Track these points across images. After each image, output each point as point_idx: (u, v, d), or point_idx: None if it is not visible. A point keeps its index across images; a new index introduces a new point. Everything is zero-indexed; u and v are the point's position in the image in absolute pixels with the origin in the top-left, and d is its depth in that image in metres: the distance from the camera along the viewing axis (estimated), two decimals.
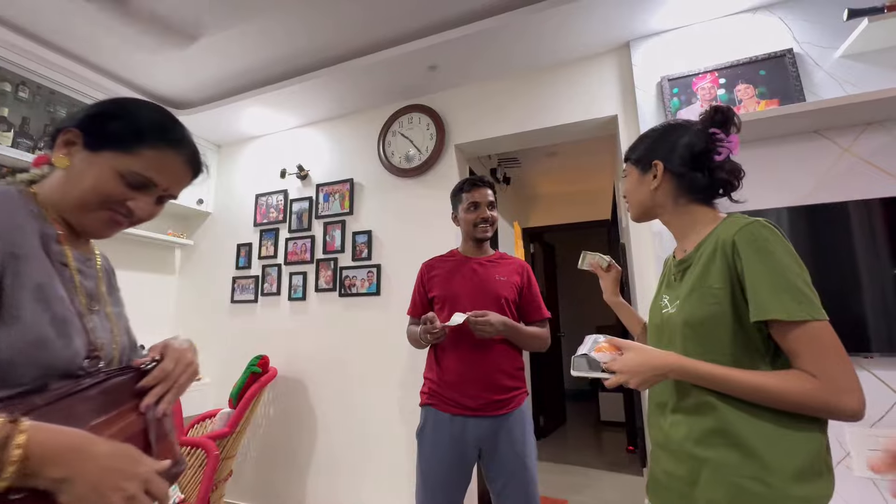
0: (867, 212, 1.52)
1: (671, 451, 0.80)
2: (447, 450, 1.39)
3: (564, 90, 2.18)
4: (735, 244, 0.74)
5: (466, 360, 1.42)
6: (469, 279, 1.51)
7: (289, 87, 2.38)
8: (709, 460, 0.72)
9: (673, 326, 0.82)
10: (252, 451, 2.55)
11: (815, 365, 0.67)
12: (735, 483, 0.69)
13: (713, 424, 0.73)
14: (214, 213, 3.05)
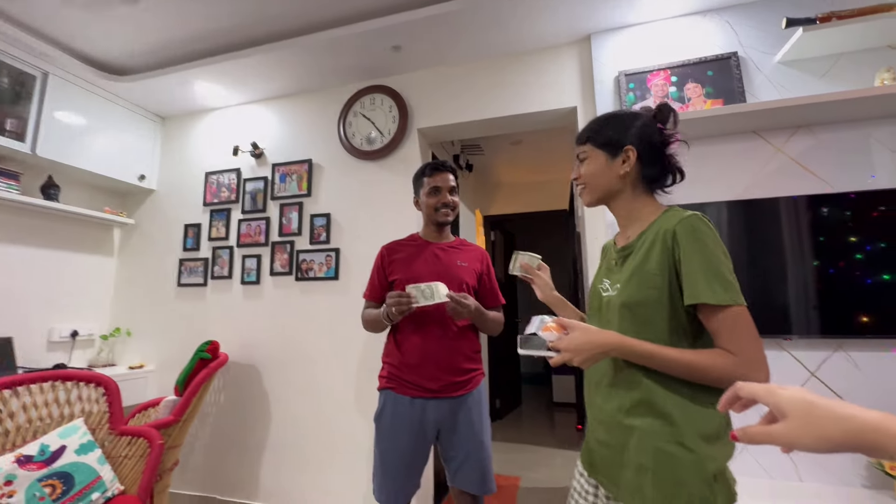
0: (794, 208, 1.66)
1: (605, 423, 0.87)
2: (406, 432, 1.40)
3: (527, 79, 2.20)
4: (675, 234, 0.80)
5: (427, 344, 1.43)
6: (432, 263, 1.52)
7: (241, 59, 2.25)
8: (636, 428, 0.81)
9: (612, 308, 0.87)
10: (201, 440, 2.46)
11: (734, 344, 0.75)
12: (658, 447, 0.78)
13: (640, 397, 0.81)
14: (159, 190, 2.85)
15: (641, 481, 0.78)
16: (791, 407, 0.45)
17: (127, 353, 2.70)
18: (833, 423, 0.42)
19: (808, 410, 0.44)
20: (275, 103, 2.67)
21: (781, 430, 0.45)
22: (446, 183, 1.54)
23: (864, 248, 1.57)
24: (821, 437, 0.42)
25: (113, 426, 1.75)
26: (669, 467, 0.76)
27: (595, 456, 0.90)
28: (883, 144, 1.63)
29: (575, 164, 1.00)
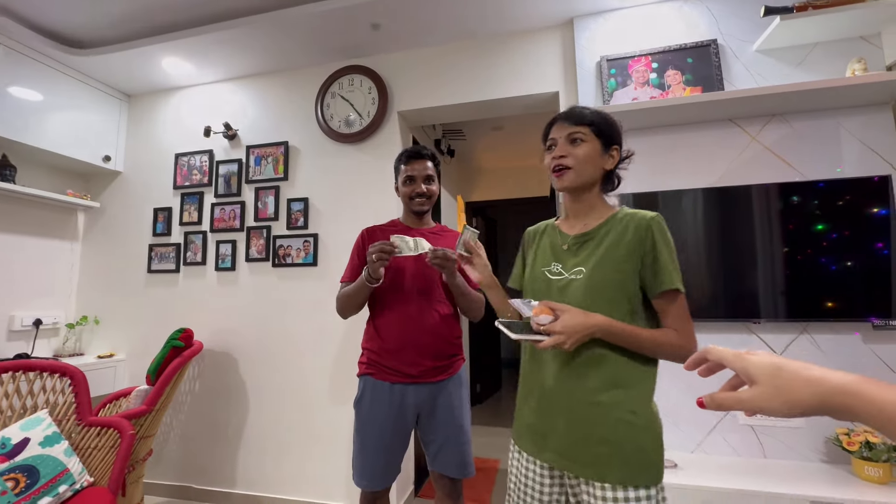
0: (766, 196, 1.70)
1: (570, 404, 0.90)
2: (386, 417, 1.39)
3: (509, 63, 2.17)
4: (651, 229, 0.90)
5: (408, 329, 1.41)
6: None
7: (211, 33, 2.13)
8: (601, 404, 0.87)
9: (574, 289, 0.92)
10: (176, 429, 2.41)
11: (680, 323, 0.89)
12: (619, 418, 0.86)
13: (608, 374, 0.88)
14: (125, 172, 2.72)
15: (608, 453, 0.85)
16: (760, 372, 0.44)
17: (95, 341, 2.60)
18: (802, 388, 0.41)
19: (777, 374, 0.43)
20: (248, 82, 2.57)
21: (751, 396, 0.44)
22: (422, 171, 1.50)
23: (831, 236, 1.63)
24: (790, 402, 0.42)
25: (80, 417, 1.68)
26: (631, 436, 0.85)
27: (552, 439, 0.91)
28: (852, 134, 1.68)
29: (559, 143, 0.97)
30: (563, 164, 0.95)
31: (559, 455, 0.90)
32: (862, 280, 1.58)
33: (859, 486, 1.39)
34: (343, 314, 1.50)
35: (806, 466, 1.55)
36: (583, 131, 0.95)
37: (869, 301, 1.57)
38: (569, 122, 0.97)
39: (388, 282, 1.43)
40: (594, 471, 0.85)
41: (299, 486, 2.19)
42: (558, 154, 0.96)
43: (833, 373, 0.40)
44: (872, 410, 0.37)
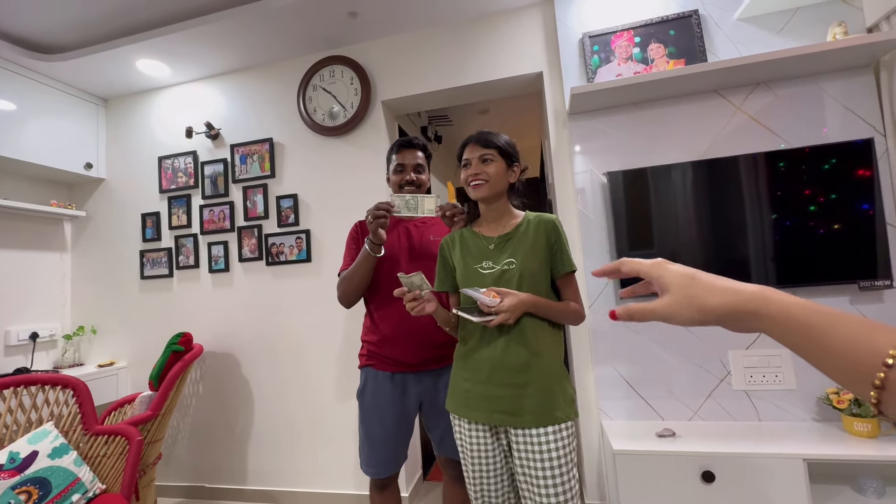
0: (754, 165, 1.71)
1: (508, 369, 1.11)
2: (388, 406, 1.42)
3: (492, 45, 2.14)
4: (556, 226, 1.18)
5: (405, 320, 1.40)
6: (405, 239, 1.51)
7: (184, 31, 2.08)
8: (535, 363, 1.11)
9: (511, 277, 1.15)
10: (183, 432, 2.43)
11: (575, 296, 1.20)
12: (548, 372, 1.12)
13: (535, 339, 1.12)
14: (109, 178, 2.67)
15: (544, 401, 1.10)
16: (674, 281, 0.44)
17: (94, 351, 2.60)
18: (712, 295, 0.41)
19: (690, 283, 0.43)
20: (227, 79, 2.51)
21: (662, 304, 0.44)
22: (411, 160, 1.51)
23: (818, 200, 1.65)
24: (701, 310, 0.41)
25: (87, 427, 1.70)
26: (558, 384, 1.12)
27: (500, 402, 1.11)
28: (835, 99, 1.68)
29: (473, 162, 1.19)
30: (479, 179, 1.17)
31: (507, 414, 1.10)
32: (849, 243, 1.61)
33: (850, 442, 1.44)
34: (346, 299, 1.47)
35: (799, 426, 1.61)
36: (490, 153, 1.18)
37: (855, 263, 1.60)
38: (479, 146, 1.19)
39: (383, 273, 1.44)
40: (533, 418, 1.08)
41: (310, 478, 2.23)
42: (473, 172, 1.19)
43: (744, 284, 0.41)
44: (777, 314, 0.37)
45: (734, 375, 1.71)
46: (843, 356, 0.32)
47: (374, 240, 1.35)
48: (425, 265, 1.46)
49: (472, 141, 1.21)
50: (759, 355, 1.69)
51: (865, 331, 0.32)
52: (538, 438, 1.07)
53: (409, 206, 1.32)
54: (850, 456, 1.37)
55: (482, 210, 1.25)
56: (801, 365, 1.66)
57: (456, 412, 1.19)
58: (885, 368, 0.29)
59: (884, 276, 1.57)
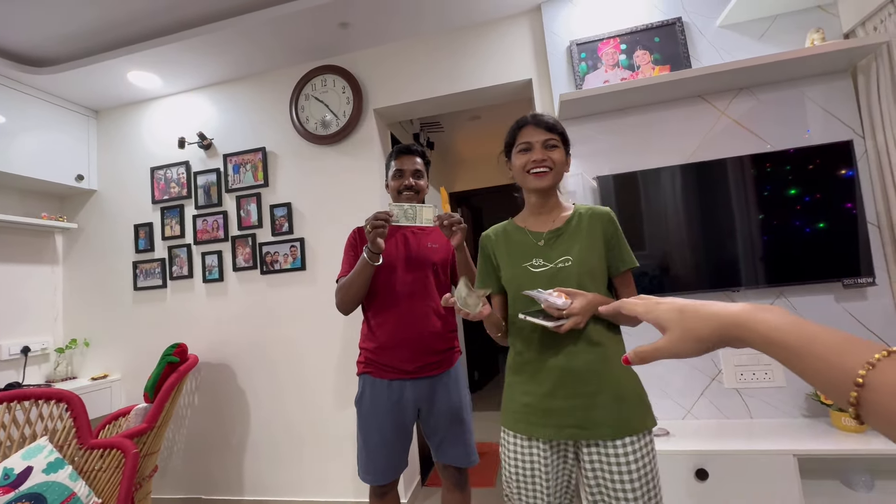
0: (741, 167, 1.75)
1: (577, 376, 1.00)
2: (387, 414, 1.42)
3: (481, 53, 2.17)
4: (612, 220, 1.08)
5: (401, 326, 1.43)
6: (403, 247, 1.51)
7: (176, 42, 2.09)
8: (606, 369, 1.00)
9: (567, 275, 1.03)
10: (179, 443, 2.41)
11: (634, 293, 1.08)
12: (620, 376, 1.01)
13: (601, 342, 1.02)
14: (101, 190, 2.66)
15: (614, 410, 0.97)
16: (668, 318, 0.47)
17: (88, 364, 2.58)
18: (703, 325, 0.44)
19: (681, 318, 0.46)
20: (219, 90, 2.52)
21: (665, 344, 0.47)
22: (410, 166, 1.53)
23: (804, 200, 1.69)
24: (698, 340, 0.44)
25: (81, 441, 1.68)
26: (635, 389, 1.01)
27: (567, 415, 0.99)
28: (815, 102, 1.73)
29: (536, 147, 1.07)
30: (544, 167, 1.05)
31: (578, 428, 0.98)
32: (833, 242, 1.65)
33: (838, 437, 1.47)
34: (344, 306, 1.46)
35: (789, 423, 1.64)
36: (555, 138, 1.07)
37: (840, 262, 1.64)
38: (543, 129, 1.07)
39: (381, 280, 1.45)
40: (609, 430, 0.96)
41: (309, 487, 2.23)
42: (539, 157, 1.05)
43: (728, 307, 0.43)
44: (757, 338, 0.40)
45: (725, 374, 1.74)
46: (819, 376, 0.34)
47: (373, 249, 1.34)
48: (423, 273, 1.48)
49: (529, 123, 1.09)
50: (749, 353, 1.72)
51: (837, 352, 0.34)
52: (615, 450, 0.95)
53: (408, 216, 1.30)
54: (839, 450, 1.40)
55: (532, 202, 1.13)
56: None
57: (515, 429, 1.05)
58: (857, 388, 0.31)
59: (866, 273, 1.61)
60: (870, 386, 0.30)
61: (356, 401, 1.49)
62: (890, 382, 0.30)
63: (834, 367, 0.33)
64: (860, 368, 0.31)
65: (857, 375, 0.31)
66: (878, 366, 0.31)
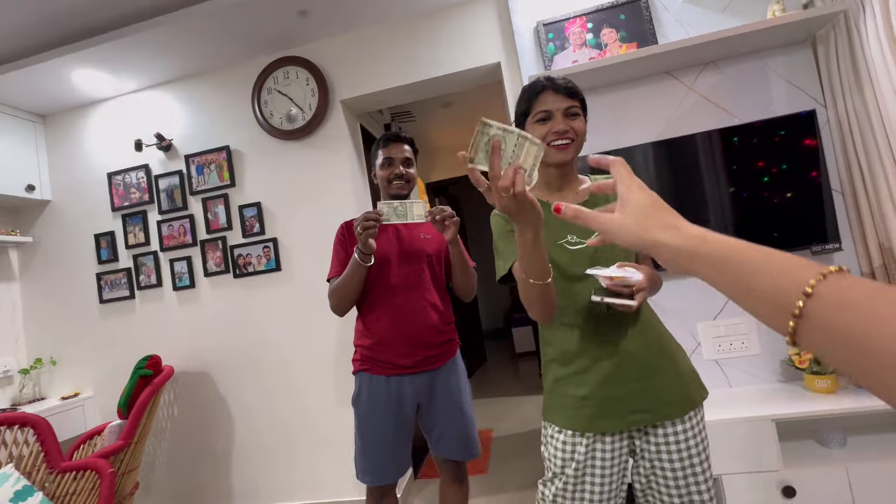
0: (709, 142, 1.77)
1: (636, 359, 0.91)
2: (386, 411, 1.37)
3: (448, 38, 2.12)
4: None
5: (398, 322, 1.39)
6: (394, 240, 1.46)
7: (124, 38, 1.96)
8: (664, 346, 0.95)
9: (611, 248, 0.94)
10: (161, 457, 2.33)
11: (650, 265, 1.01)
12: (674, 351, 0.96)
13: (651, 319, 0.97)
14: (55, 200, 2.51)
15: (675, 387, 0.91)
16: (635, 204, 0.44)
17: (56, 383, 2.46)
18: (660, 231, 0.42)
19: (646, 213, 0.43)
20: (176, 87, 2.40)
21: (611, 220, 0.45)
22: (399, 154, 1.46)
23: (770, 171, 1.72)
24: (644, 240, 0.42)
25: (52, 465, 1.60)
26: (686, 363, 0.97)
27: (628, 401, 0.89)
28: (779, 74, 1.76)
29: (558, 116, 0.93)
30: (567, 138, 0.93)
31: (643, 412, 0.89)
32: (801, 211, 1.69)
33: (812, 399, 1.53)
34: (339, 309, 1.41)
35: (766, 388, 1.69)
36: (577, 105, 0.95)
37: (807, 230, 1.68)
38: (564, 95, 0.94)
39: (374, 275, 1.39)
40: (673, 408, 0.90)
41: (303, 489, 2.19)
42: (561, 128, 0.93)
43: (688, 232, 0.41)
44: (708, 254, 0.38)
45: (704, 346, 1.78)
46: (771, 289, 0.33)
47: (364, 250, 1.29)
48: (418, 266, 1.44)
49: (547, 88, 0.94)
50: (726, 324, 1.76)
51: (795, 265, 0.33)
52: (681, 427, 0.89)
53: (398, 214, 1.26)
54: (814, 412, 1.45)
55: (550, 176, 0.99)
56: (764, 330, 1.74)
57: (572, 426, 0.92)
58: (805, 297, 0.30)
59: (833, 239, 1.66)
60: (818, 296, 0.30)
61: (353, 400, 1.43)
62: (835, 293, 0.29)
63: (787, 275, 0.32)
64: (812, 279, 0.30)
65: (808, 285, 0.30)
66: (829, 277, 0.30)
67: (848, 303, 0.28)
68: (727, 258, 0.37)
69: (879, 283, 0.29)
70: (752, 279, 0.35)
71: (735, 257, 0.36)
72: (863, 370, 0.27)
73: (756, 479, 1.45)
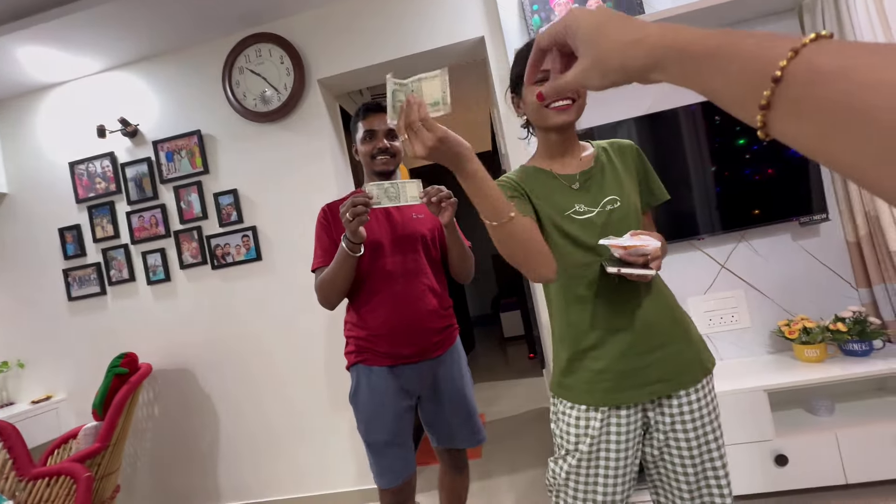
0: (692, 118, 1.74)
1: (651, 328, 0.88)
2: (391, 404, 1.27)
3: (429, 11, 2.03)
4: (639, 153, 0.99)
5: (398, 311, 1.28)
6: (385, 222, 1.32)
7: (77, 13, 1.81)
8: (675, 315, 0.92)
9: (622, 217, 0.91)
10: (143, 458, 2.25)
11: (656, 228, 1.02)
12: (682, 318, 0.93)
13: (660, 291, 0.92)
14: (12, 193, 2.35)
15: (690, 353, 0.90)
16: (583, 42, 0.39)
17: (25, 387, 2.33)
18: (617, 56, 0.37)
19: (597, 43, 0.38)
20: (140, 68, 2.24)
21: (575, 73, 0.40)
22: (382, 125, 1.30)
23: (752, 148, 1.71)
24: (609, 72, 0.38)
25: (21, 472, 1.51)
26: (693, 328, 0.94)
27: (645, 373, 0.87)
28: None
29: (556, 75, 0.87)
30: (567, 99, 0.87)
31: (662, 382, 0.87)
32: (784, 184, 1.69)
33: (802, 368, 1.54)
34: (328, 303, 1.29)
35: (756, 360, 1.71)
36: None
37: (793, 202, 1.68)
38: None
39: (367, 263, 1.28)
40: (689, 376, 0.88)
41: (289, 483, 2.14)
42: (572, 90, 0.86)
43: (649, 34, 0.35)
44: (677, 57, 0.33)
45: (695, 320, 1.77)
46: (738, 79, 0.28)
47: (354, 239, 1.15)
48: (413, 248, 1.31)
49: None
50: (716, 298, 1.76)
51: (761, 45, 0.27)
52: (695, 395, 0.87)
53: (390, 196, 1.12)
54: (804, 381, 1.46)
55: (552, 142, 0.94)
56: (753, 303, 1.75)
57: (588, 402, 0.88)
58: (773, 84, 0.26)
59: (819, 210, 1.66)
60: (788, 77, 0.25)
61: (351, 396, 1.32)
62: (807, 69, 0.24)
63: (754, 59, 0.27)
64: (782, 60, 0.25)
65: (777, 68, 0.25)
66: (801, 52, 0.25)
67: (822, 76, 0.24)
68: (694, 56, 0.31)
69: (865, 42, 0.25)
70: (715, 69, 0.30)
71: (697, 52, 0.31)
72: (836, 147, 0.24)
73: (750, 449, 1.46)
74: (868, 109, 0.22)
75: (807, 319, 1.62)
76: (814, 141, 0.25)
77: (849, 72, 0.23)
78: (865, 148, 0.22)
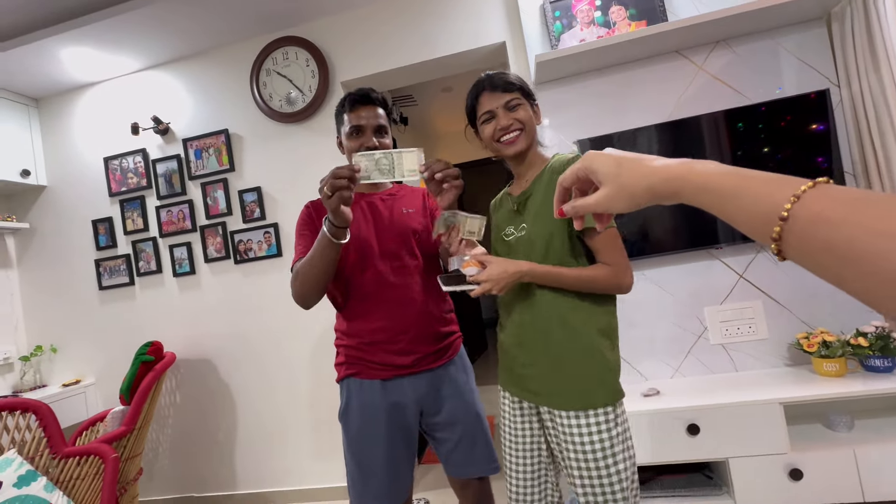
0: (715, 124, 1.73)
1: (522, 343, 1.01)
2: (384, 421, 1.12)
3: (452, 16, 2.06)
4: None
5: (392, 315, 1.14)
6: (373, 218, 1.18)
7: (117, 16, 1.91)
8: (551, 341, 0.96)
9: (521, 244, 1.00)
10: (164, 444, 2.33)
11: (611, 257, 0.93)
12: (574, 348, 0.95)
13: (553, 311, 0.96)
14: (51, 185, 2.47)
15: (563, 381, 0.95)
16: (606, 171, 0.46)
17: (57, 370, 2.44)
18: (639, 181, 0.43)
19: (618, 173, 0.44)
20: (173, 68, 2.34)
21: (598, 197, 0.46)
22: (372, 120, 1.14)
23: (776, 158, 1.69)
24: (631, 196, 0.44)
25: (55, 450, 1.59)
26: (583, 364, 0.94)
27: (527, 379, 1.01)
28: (791, 52, 1.71)
29: (499, 113, 0.99)
30: (513, 131, 0.98)
31: (532, 393, 1.00)
32: None
33: (821, 382, 1.52)
34: (303, 299, 1.13)
35: (773, 372, 1.68)
36: (516, 97, 0.99)
37: None
38: (500, 91, 0.99)
39: (354, 261, 1.14)
40: (563, 400, 0.94)
41: (302, 475, 2.19)
42: (505, 124, 0.99)
43: (667, 163, 0.42)
44: (692, 188, 0.39)
45: (711, 330, 1.76)
46: (750, 213, 0.34)
47: (336, 221, 0.96)
48: (407, 247, 1.16)
49: (484, 88, 1.01)
50: (733, 308, 1.74)
51: (768, 188, 0.33)
52: (588, 423, 0.92)
53: (382, 168, 0.94)
54: (822, 395, 1.44)
55: (513, 167, 1.07)
56: (771, 314, 1.72)
57: (500, 382, 1.12)
58: (781, 222, 0.31)
59: None
60: (793, 218, 0.31)
61: (340, 415, 1.18)
62: (809, 213, 0.30)
63: (763, 200, 0.33)
64: (787, 203, 0.31)
65: (783, 210, 0.31)
66: (802, 197, 0.31)
67: (824, 220, 0.29)
68: (709, 188, 0.38)
69: (859, 191, 0.30)
70: (733, 205, 0.36)
71: (717, 186, 0.37)
72: (845, 278, 0.29)
73: (763, 462, 1.45)
74: (878, 252, 0.26)
75: (826, 333, 1.59)
76: (823, 271, 0.30)
77: (853, 220, 0.28)
78: (876, 285, 0.27)
